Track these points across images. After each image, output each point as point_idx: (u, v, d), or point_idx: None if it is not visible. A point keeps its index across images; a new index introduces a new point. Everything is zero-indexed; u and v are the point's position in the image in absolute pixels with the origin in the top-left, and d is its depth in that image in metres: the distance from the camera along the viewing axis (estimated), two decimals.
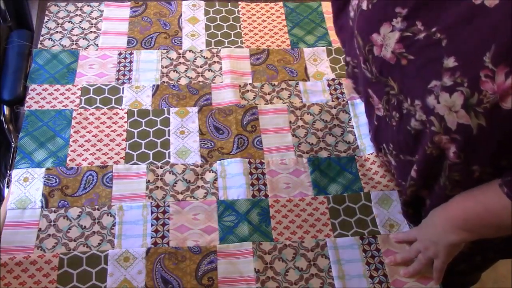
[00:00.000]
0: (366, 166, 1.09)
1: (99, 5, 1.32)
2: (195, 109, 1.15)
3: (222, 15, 1.34)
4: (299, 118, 1.15)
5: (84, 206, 0.99)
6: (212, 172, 1.06)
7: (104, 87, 1.16)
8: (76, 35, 1.25)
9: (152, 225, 0.98)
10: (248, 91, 1.19)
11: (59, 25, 1.27)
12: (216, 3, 1.36)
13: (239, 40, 1.29)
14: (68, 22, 1.28)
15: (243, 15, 1.34)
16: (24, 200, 0.99)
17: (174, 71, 1.21)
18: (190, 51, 1.25)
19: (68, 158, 1.05)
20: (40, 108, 1.12)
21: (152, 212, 0.99)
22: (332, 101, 1.19)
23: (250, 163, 1.07)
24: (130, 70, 1.20)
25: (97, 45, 1.24)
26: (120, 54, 1.22)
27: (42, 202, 0.99)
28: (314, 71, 1.24)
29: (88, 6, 1.31)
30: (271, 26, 1.33)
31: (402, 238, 0.99)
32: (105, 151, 1.07)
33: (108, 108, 1.13)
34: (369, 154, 1.09)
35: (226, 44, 1.28)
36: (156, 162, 1.06)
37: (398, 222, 1.01)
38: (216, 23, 1.32)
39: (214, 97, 1.17)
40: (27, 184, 1.01)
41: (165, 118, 1.13)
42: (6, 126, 1.15)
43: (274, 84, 1.21)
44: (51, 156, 1.05)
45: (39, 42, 1.23)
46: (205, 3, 1.36)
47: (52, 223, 0.97)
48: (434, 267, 0.92)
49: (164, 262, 0.94)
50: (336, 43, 1.29)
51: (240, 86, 1.20)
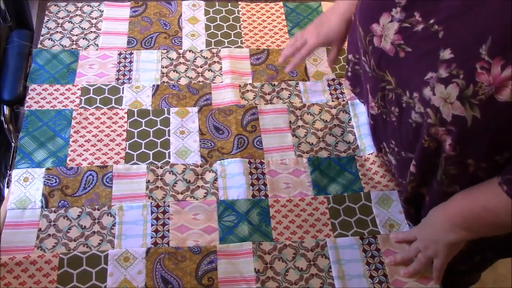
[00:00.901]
0: (366, 166, 1.09)
1: (99, 5, 1.32)
2: (195, 109, 1.15)
3: (222, 15, 1.34)
4: (299, 118, 1.16)
5: (84, 206, 0.99)
6: (212, 172, 1.06)
7: (104, 87, 1.16)
8: (76, 35, 1.25)
9: (152, 225, 0.98)
10: (248, 91, 1.19)
11: (59, 25, 1.27)
12: (216, 3, 1.36)
13: (239, 40, 1.29)
14: (68, 22, 1.28)
15: (243, 15, 1.34)
16: (24, 200, 0.99)
17: (174, 71, 1.21)
18: (190, 51, 1.25)
19: (68, 158, 1.05)
20: (40, 108, 1.12)
21: (152, 212, 0.99)
22: (332, 101, 1.19)
23: (250, 163, 1.07)
24: (130, 70, 1.20)
25: (97, 45, 1.24)
26: (120, 54, 1.22)
27: (42, 202, 0.99)
28: (314, 71, 1.24)
29: (88, 6, 1.31)
30: (271, 26, 1.33)
31: (402, 238, 0.99)
32: (105, 151, 1.07)
33: (108, 108, 1.13)
34: (369, 154, 1.09)
35: (226, 44, 1.28)
36: (156, 162, 1.06)
37: (398, 222, 1.01)
38: (216, 23, 1.32)
39: (214, 97, 1.17)
40: (27, 184, 1.01)
41: (165, 118, 1.13)
42: (6, 126, 1.15)
43: (274, 84, 1.21)
44: (51, 156, 1.05)
45: (39, 42, 1.23)
46: (205, 3, 1.36)
47: (52, 223, 0.97)
48: (434, 266, 0.92)
49: (164, 262, 0.94)
50: None
51: (240, 86, 1.20)
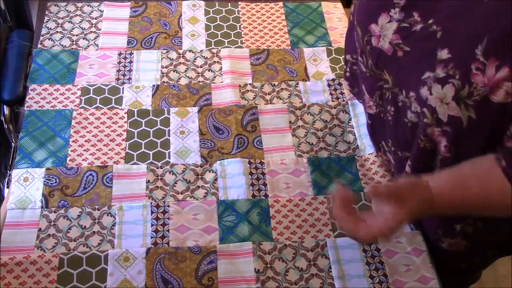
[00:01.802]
0: (366, 166, 1.09)
1: (99, 5, 1.32)
2: (195, 109, 1.15)
3: (222, 15, 1.34)
4: (299, 118, 1.15)
5: (84, 206, 0.99)
6: (212, 172, 1.06)
7: (104, 87, 1.16)
8: (76, 35, 1.25)
9: (152, 225, 0.98)
10: (248, 91, 1.19)
11: (59, 25, 1.27)
12: (216, 3, 1.36)
13: (239, 40, 1.29)
14: (68, 22, 1.28)
15: (243, 15, 1.34)
16: (24, 200, 0.99)
17: (174, 71, 1.21)
18: (190, 51, 1.25)
19: (68, 158, 1.05)
20: (40, 108, 1.12)
21: (152, 212, 0.99)
22: (332, 101, 1.19)
23: (250, 163, 1.07)
24: (130, 70, 1.20)
25: (97, 45, 1.24)
26: (120, 54, 1.22)
27: (42, 202, 0.99)
28: (314, 71, 1.24)
29: (88, 6, 1.31)
30: (271, 26, 1.33)
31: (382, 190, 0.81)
32: (105, 151, 1.07)
33: (108, 108, 1.13)
34: (369, 154, 1.09)
35: (226, 44, 1.28)
36: (156, 162, 1.06)
37: None
38: (216, 23, 1.32)
39: (214, 97, 1.17)
40: (27, 184, 1.01)
41: (165, 118, 1.13)
42: (6, 126, 1.15)
43: (274, 84, 1.21)
44: (51, 156, 1.05)
45: (39, 42, 1.23)
46: (205, 3, 1.36)
47: (52, 223, 0.97)
48: (391, 213, 0.77)
49: (164, 262, 0.94)
50: (336, 43, 1.29)
51: (240, 86, 1.20)
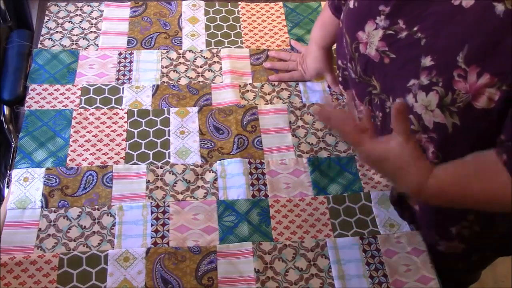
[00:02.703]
0: (366, 166, 1.09)
1: (99, 5, 1.32)
2: (195, 109, 1.15)
3: (222, 15, 1.34)
4: (299, 118, 1.15)
5: (84, 206, 0.99)
6: (212, 172, 1.06)
7: (104, 87, 1.16)
8: (76, 35, 1.25)
9: (152, 225, 0.98)
10: (248, 91, 1.19)
11: (59, 25, 1.27)
12: (216, 3, 1.36)
13: (239, 40, 1.29)
14: (68, 22, 1.28)
15: (243, 15, 1.34)
16: (24, 200, 0.99)
17: (174, 71, 1.21)
18: (190, 51, 1.25)
19: (68, 158, 1.05)
20: (40, 108, 1.12)
21: (152, 212, 0.99)
22: (332, 101, 1.19)
23: (250, 163, 1.07)
24: (130, 70, 1.20)
25: (97, 45, 1.24)
26: (120, 54, 1.22)
27: (42, 202, 0.99)
28: None
29: (88, 6, 1.31)
30: (271, 26, 1.33)
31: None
32: (105, 151, 1.07)
33: (108, 108, 1.13)
34: None
35: (226, 44, 1.28)
36: (156, 162, 1.06)
37: (398, 222, 1.01)
38: (216, 23, 1.32)
39: (214, 97, 1.17)
40: (27, 184, 1.01)
41: (165, 118, 1.13)
42: (6, 126, 1.15)
43: (274, 84, 1.21)
44: (51, 156, 1.05)
45: (39, 42, 1.23)
46: (205, 3, 1.36)
47: (52, 223, 0.97)
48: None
49: (164, 262, 0.94)
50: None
51: (240, 86, 1.20)
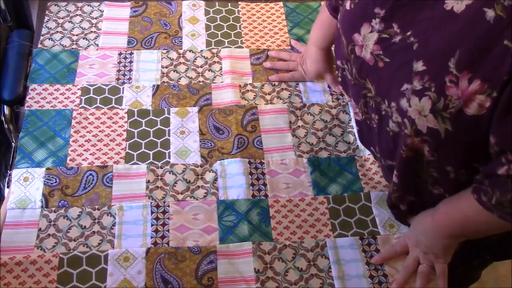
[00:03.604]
0: (366, 166, 1.09)
1: (99, 5, 1.32)
2: (195, 109, 1.15)
3: (222, 15, 1.34)
4: (299, 118, 1.16)
5: (84, 206, 0.99)
6: (212, 172, 1.06)
7: (104, 87, 1.16)
8: (76, 35, 1.25)
9: (152, 225, 0.98)
10: (248, 91, 1.19)
11: (59, 25, 1.27)
12: (216, 3, 1.36)
13: (239, 40, 1.29)
14: (68, 22, 1.28)
15: (243, 15, 1.34)
16: (24, 200, 0.99)
17: (174, 71, 1.21)
18: (190, 51, 1.25)
19: (68, 158, 1.05)
20: (40, 108, 1.12)
21: (152, 212, 0.99)
22: (332, 101, 1.19)
23: (250, 163, 1.07)
24: (130, 70, 1.20)
25: (97, 45, 1.24)
26: (120, 54, 1.22)
27: (42, 202, 0.99)
28: None
29: (88, 6, 1.31)
30: (271, 26, 1.33)
31: (387, 255, 0.97)
32: (105, 151, 1.07)
33: (108, 108, 1.13)
34: (369, 154, 1.09)
35: (226, 44, 1.28)
36: (156, 162, 1.06)
37: (397, 223, 1.01)
38: (216, 23, 1.32)
39: (214, 97, 1.17)
40: (27, 184, 1.01)
41: (165, 118, 1.13)
42: (6, 126, 1.15)
43: (274, 84, 1.21)
44: (51, 156, 1.05)
45: (39, 42, 1.23)
46: (205, 3, 1.36)
47: (52, 223, 0.97)
48: (437, 272, 0.91)
49: (164, 262, 0.94)
50: None
51: (240, 86, 1.20)
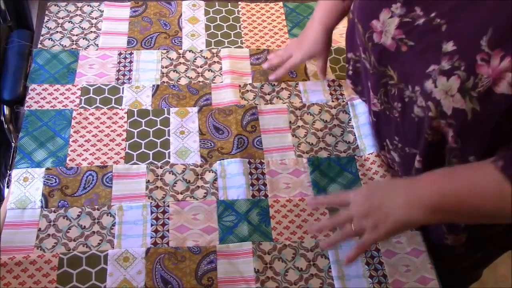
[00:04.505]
0: (366, 166, 1.09)
1: (99, 5, 1.32)
2: (195, 109, 1.15)
3: (222, 15, 1.34)
4: (299, 118, 1.15)
5: (84, 206, 0.99)
6: (212, 172, 1.06)
7: (104, 87, 1.16)
8: (76, 35, 1.25)
9: (152, 225, 0.98)
10: (248, 91, 1.19)
11: (59, 25, 1.27)
12: (216, 3, 1.36)
13: (239, 40, 1.29)
14: (68, 22, 1.28)
15: (243, 15, 1.34)
16: (24, 200, 0.99)
17: (174, 71, 1.21)
18: (190, 51, 1.25)
19: (68, 158, 1.05)
20: (40, 108, 1.12)
21: (152, 212, 0.99)
22: (332, 101, 1.19)
23: (250, 163, 1.07)
24: (130, 70, 1.20)
25: (97, 45, 1.24)
26: (120, 54, 1.22)
27: (42, 202, 0.99)
28: (314, 71, 1.24)
29: (88, 6, 1.31)
30: (271, 26, 1.33)
31: (328, 201, 0.88)
32: (105, 151, 1.07)
33: (108, 108, 1.13)
34: (369, 154, 1.09)
35: (226, 44, 1.28)
36: (156, 162, 1.06)
37: None
38: (216, 23, 1.32)
39: (214, 97, 1.17)
40: (27, 184, 1.01)
41: (165, 118, 1.13)
42: (6, 126, 1.15)
43: (274, 84, 1.21)
44: (51, 156, 1.05)
45: (39, 42, 1.23)
46: (205, 3, 1.36)
47: (52, 223, 0.97)
48: (360, 241, 0.80)
49: (163, 262, 0.94)
50: (336, 43, 1.29)
51: (240, 86, 1.20)
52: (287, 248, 0.97)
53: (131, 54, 1.23)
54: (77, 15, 1.29)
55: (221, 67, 1.23)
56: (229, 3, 1.37)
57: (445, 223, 0.80)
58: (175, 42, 1.27)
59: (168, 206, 1.00)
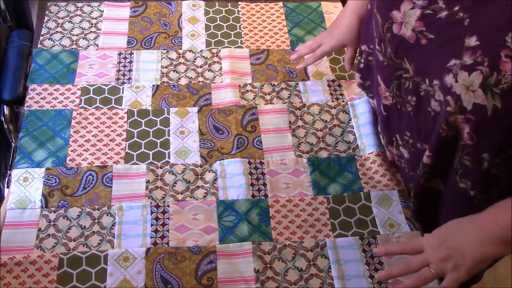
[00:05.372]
0: (366, 165, 1.09)
1: (99, 5, 1.32)
2: (195, 109, 1.15)
3: (222, 15, 1.34)
4: (299, 118, 1.15)
5: (84, 206, 0.99)
6: (212, 172, 1.06)
7: (104, 87, 1.16)
8: (76, 35, 1.25)
9: (152, 225, 0.98)
10: (248, 91, 1.19)
11: (59, 25, 1.27)
12: (216, 3, 1.36)
13: (239, 40, 1.29)
14: (68, 22, 1.28)
15: (243, 15, 1.34)
16: (24, 200, 0.99)
17: (174, 71, 1.21)
18: (190, 51, 1.25)
19: (68, 158, 1.05)
20: (40, 108, 1.12)
21: (151, 212, 0.99)
22: (332, 101, 1.19)
23: (250, 163, 1.07)
24: (130, 70, 1.20)
25: (97, 45, 1.24)
26: (120, 54, 1.22)
27: (42, 202, 0.99)
28: (314, 71, 1.24)
29: (88, 6, 1.31)
30: (271, 26, 1.33)
31: (393, 249, 0.90)
32: (105, 151, 1.07)
33: (108, 108, 1.13)
34: (369, 154, 1.09)
35: (226, 44, 1.28)
36: (156, 162, 1.06)
37: (398, 222, 1.01)
38: (216, 23, 1.32)
39: (214, 97, 1.17)
40: (27, 184, 1.01)
41: (165, 118, 1.13)
42: (6, 126, 1.15)
43: (274, 84, 1.21)
44: (51, 156, 1.05)
45: (39, 42, 1.23)
46: (205, 3, 1.36)
47: (52, 223, 0.97)
48: (445, 283, 0.81)
49: (163, 262, 0.94)
50: None
51: (240, 86, 1.20)
52: (287, 248, 0.97)
53: (131, 54, 1.23)
54: (77, 15, 1.29)
55: (221, 67, 1.23)
56: (229, 3, 1.37)
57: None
58: (175, 42, 1.27)
59: (168, 206, 1.00)
